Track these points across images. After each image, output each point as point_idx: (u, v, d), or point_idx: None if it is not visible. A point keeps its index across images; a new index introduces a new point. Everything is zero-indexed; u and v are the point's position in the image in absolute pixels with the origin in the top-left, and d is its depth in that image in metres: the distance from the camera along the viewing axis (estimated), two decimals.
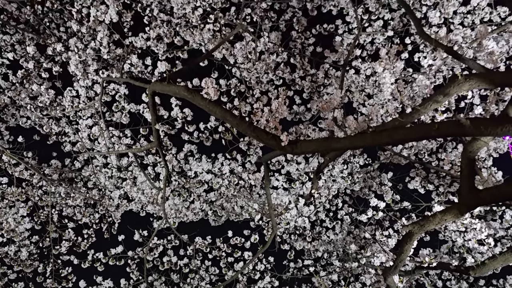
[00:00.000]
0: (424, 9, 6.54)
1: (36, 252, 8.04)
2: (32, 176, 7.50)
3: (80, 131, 7.20)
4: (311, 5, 6.80)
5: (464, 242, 6.47)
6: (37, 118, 7.13)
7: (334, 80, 7.16)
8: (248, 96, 7.07)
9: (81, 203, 8.14)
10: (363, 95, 7.19)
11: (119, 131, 7.16)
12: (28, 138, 7.38)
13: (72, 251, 8.13)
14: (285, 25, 6.97)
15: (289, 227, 8.16)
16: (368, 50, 7.19)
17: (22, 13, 6.81)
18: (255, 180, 7.35)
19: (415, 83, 3.80)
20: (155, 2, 6.43)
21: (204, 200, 8.13)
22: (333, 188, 7.94)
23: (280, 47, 6.77)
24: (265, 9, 6.73)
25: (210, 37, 6.63)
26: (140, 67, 6.76)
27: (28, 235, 7.95)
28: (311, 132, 7.34)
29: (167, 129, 6.39)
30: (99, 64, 6.48)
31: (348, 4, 6.68)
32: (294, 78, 7.20)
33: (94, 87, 6.71)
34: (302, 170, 7.77)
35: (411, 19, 5.50)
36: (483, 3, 6.12)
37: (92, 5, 6.15)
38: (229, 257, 8.04)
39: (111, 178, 7.85)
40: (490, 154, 7.19)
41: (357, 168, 8.14)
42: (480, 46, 3.85)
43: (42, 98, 6.89)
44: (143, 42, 6.53)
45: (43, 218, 7.92)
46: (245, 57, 6.73)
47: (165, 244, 7.99)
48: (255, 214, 7.81)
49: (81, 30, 6.26)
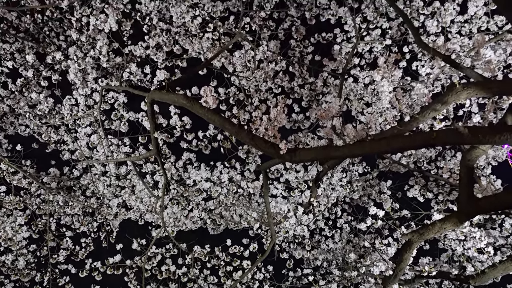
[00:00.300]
0: (421, 18, 6.59)
1: (33, 261, 7.99)
2: (30, 184, 7.48)
3: (79, 139, 7.20)
4: (310, 14, 6.84)
5: (464, 250, 6.45)
6: (36, 126, 7.13)
7: (333, 88, 7.18)
8: (246, 104, 7.09)
9: (79, 212, 8.11)
10: (361, 104, 7.21)
11: (117, 139, 7.16)
12: (27, 146, 7.38)
13: (70, 260, 8.08)
14: (283, 34, 7.01)
15: (288, 236, 8.13)
16: (366, 58, 7.23)
17: (22, 22, 6.84)
18: (254, 189, 7.34)
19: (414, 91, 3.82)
20: (154, 11, 6.47)
21: (203, 209, 8.10)
22: (332, 196, 7.93)
23: (279, 55, 6.80)
24: (264, 18, 6.77)
25: (209, 45, 6.66)
26: (139, 76, 6.78)
27: (25, 244, 7.90)
28: (310, 140, 7.35)
29: (166, 137, 6.39)
30: (98, 73, 6.50)
31: (346, 13, 6.72)
32: (293, 87, 7.22)
33: (93, 95, 6.73)
34: (301, 178, 7.76)
35: (409, 28, 5.53)
36: (480, 12, 6.16)
37: (92, 14, 6.18)
38: (228, 266, 7.99)
39: (109, 186, 7.83)
40: (489, 162, 7.19)
41: (356, 176, 8.13)
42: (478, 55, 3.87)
43: (41, 106, 6.89)
44: (142, 51, 6.56)
45: (41, 227, 7.88)
46: (244, 65, 6.76)
47: (164, 253, 7.94)
48: (254, 223, 7.78)
49: (81, 38, 6.28)
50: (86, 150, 7.22)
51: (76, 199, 7.83)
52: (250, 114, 6.96)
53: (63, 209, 7.89)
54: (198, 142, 6.90)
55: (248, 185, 7.36)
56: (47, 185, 7.51)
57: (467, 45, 6.13)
